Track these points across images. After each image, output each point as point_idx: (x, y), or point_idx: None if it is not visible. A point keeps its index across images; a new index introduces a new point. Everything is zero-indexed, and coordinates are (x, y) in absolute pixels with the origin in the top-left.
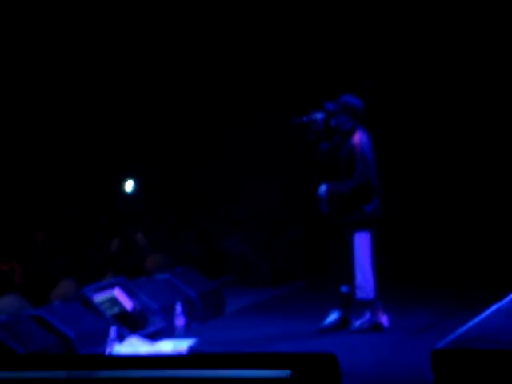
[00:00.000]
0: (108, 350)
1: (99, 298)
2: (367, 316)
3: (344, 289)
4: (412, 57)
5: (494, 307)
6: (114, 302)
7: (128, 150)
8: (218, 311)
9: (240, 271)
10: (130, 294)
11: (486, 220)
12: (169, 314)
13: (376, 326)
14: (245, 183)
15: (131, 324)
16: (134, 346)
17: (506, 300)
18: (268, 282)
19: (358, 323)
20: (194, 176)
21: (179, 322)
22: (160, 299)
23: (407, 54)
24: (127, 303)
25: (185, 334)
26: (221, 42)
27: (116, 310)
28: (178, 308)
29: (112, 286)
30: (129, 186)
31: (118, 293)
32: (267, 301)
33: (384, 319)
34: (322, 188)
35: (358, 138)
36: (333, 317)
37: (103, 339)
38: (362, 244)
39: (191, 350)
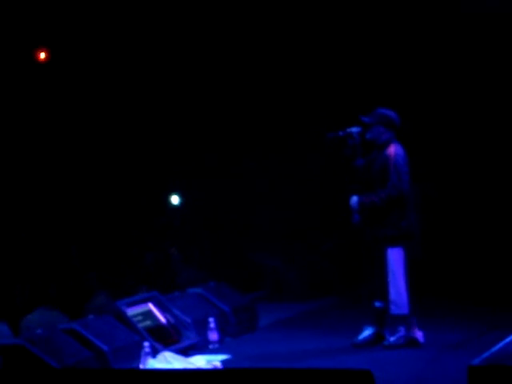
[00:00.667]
0: (141, 365)
1: (133, 311)
2: (402, 332)
3: (378, 304)
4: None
5: None
6: (148, 316)
7: (167, 167)
8: (251, 326)
9: (273, 286)
10: (162, 308)
11: None
12: (202, 328)
13: (411, 342)
14: (278, 197)
15: (165, 338)
16: (168, 360)
17: None
18: (301, 296)
19: (392, 339)
20: (228, 190)
21: (212, 336)
22: (193, 314)
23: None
24: (161, 317)
25: (218, 349)
26: (257, 59)
27: (149, 324)
28: (212, 323)
29: (145, 301)
30: (175, 200)
31: (151, 307)
32: (300, 316)
33: (419, 335)
34: (354, 199)
35: (393, 149)
36: (367, 332)
37: (137, 353)
38: (395, 259)
39: (224, 365)
